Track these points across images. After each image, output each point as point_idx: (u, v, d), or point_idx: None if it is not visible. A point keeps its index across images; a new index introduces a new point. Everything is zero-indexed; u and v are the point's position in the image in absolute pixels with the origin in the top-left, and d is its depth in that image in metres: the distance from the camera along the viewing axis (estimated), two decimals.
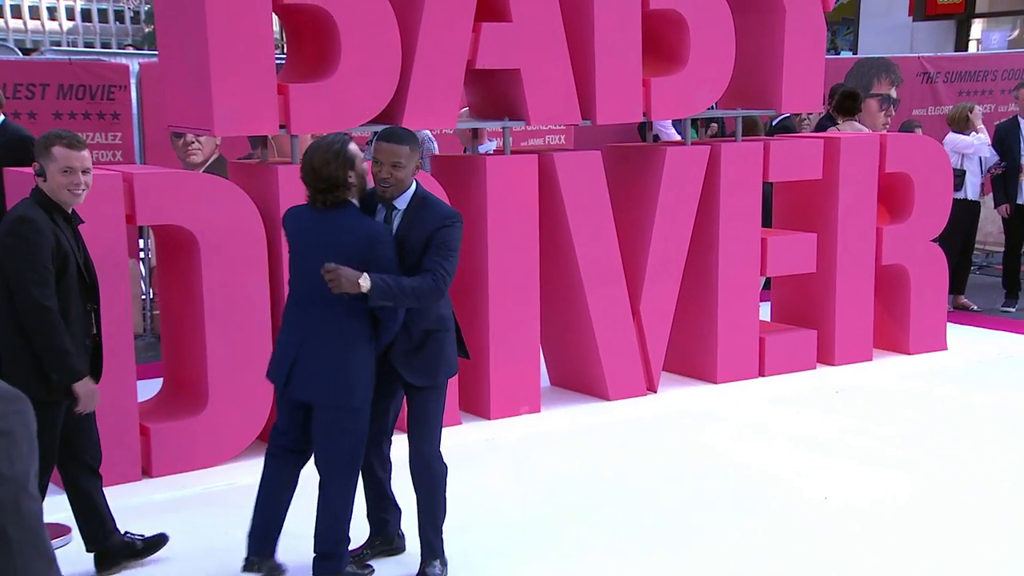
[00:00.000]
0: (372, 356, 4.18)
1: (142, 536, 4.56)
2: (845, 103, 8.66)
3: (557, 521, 4.97)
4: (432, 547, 4.36)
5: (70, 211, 4.28)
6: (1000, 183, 9.38)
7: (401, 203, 4.19)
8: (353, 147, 4.13)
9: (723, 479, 5.48)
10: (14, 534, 1.82)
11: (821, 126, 9.04)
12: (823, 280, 7.44)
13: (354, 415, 4.16)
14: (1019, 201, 9.33)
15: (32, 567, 1.85)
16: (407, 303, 4.11)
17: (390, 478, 4.54)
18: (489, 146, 7.63)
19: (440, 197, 4.77)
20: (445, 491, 4.36)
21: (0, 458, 1.82)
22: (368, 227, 4.11)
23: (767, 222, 7.63)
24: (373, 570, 4.44)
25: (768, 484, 5.40)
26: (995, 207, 9.63)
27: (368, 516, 4.56)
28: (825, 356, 7.48)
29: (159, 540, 4.58)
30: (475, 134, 6.90)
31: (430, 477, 4.31)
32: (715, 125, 9.48)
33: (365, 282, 3.94)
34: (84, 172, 4.22)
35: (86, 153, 4.25)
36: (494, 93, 6.42)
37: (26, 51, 9.22)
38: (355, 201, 4.17)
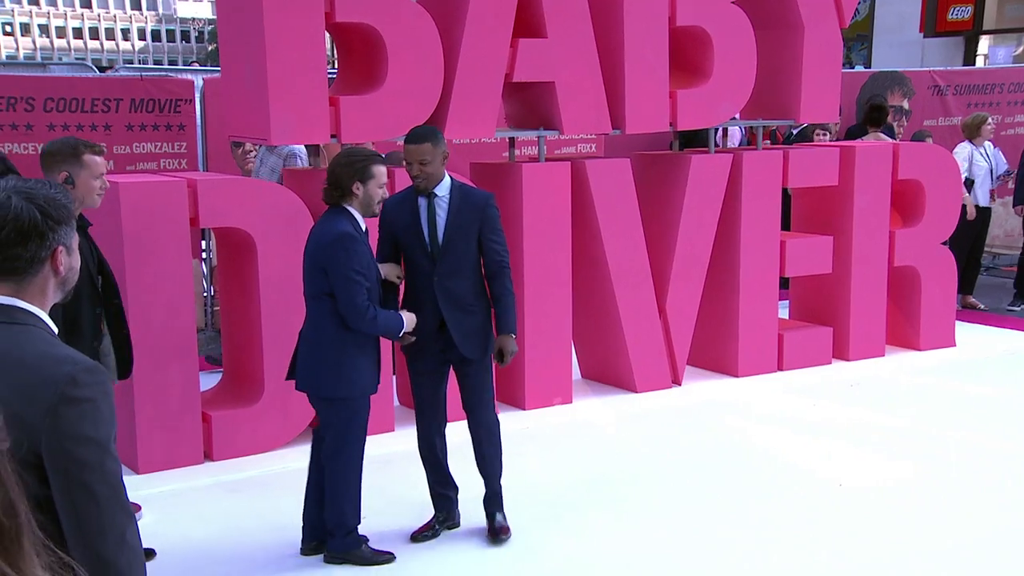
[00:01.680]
0: (362, 350, 4.15)
1: None
2: (871, 114, 8.63)
3: (589, 502, 4.93)
4: (499, 498, 4.55)
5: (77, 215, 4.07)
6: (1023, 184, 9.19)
7: (441, 191, 4.36)
8: (377, 168, 4.16)
9: (744, 465, 5.41)
10: (100, 490, 1.90)
11: (852, 136, 8.94)
12: (839, 280, 7.34)
13: (343, 406, 4.15)
14: None
15: (115, 520, 1.92)
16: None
17: (447, 459, 4.59)
18: None
19: None
20: (502, 450, 4.57)
21: (86, 423, 1.89)
22: (332, 233, 4.09)
23: (785, 225, 7.55)
24: (393, 556, 4.37)
25: (786, 470, 5.33)
26: (1013, 206, 9.47)
27: (431, 494, 4.60)
28: (840, 352, 7.37)
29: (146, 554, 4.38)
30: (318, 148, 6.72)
31: (492, 439, 4.50)
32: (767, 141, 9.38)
33: (513, 335, 4.40)
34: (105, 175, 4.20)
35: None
36: (530, 104, 6.39)
37: (102, 69, 9.30)
38: (354, 211, 4.14)
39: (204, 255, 8.16)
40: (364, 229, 4.19)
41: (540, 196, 6.15)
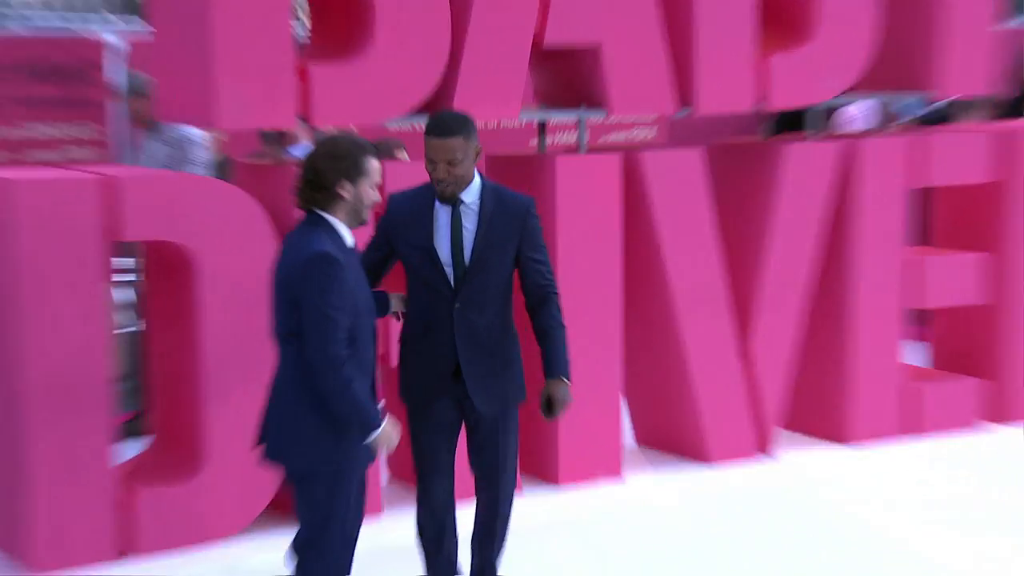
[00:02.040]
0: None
1: None
2: None
3: None
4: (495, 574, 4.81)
5: None
6: None
7: (469, 196, 4.44)
8: (370, 163, 4.12)
9: (859, 567, 5.45)
10: None
11: (1008, 114, 8.88)
12: (995, 314, 7.38)
13: (322, 482, 4.12)
14: None
15: None
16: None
17: (457, 546, 4.75)
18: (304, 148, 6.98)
19: None
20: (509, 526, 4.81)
21: None
22: (305, 253, 4.01)
23: (922, 239, 7.59)
24: None
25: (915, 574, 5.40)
26: None
27: None
28: (997, 413, 7.41)
29: None
30: (281, 136, 6.82)
31: (504, 517, 4.70)
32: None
33: (567, 380, 4.52)
34: None
35: None
36: (567, 76, 6.48)
37: None
38: (336, 222, 4.11)
39: (131, 277, 8.29)
40: (351, 244, 4.16)
41: (579, 198, 6.24)
